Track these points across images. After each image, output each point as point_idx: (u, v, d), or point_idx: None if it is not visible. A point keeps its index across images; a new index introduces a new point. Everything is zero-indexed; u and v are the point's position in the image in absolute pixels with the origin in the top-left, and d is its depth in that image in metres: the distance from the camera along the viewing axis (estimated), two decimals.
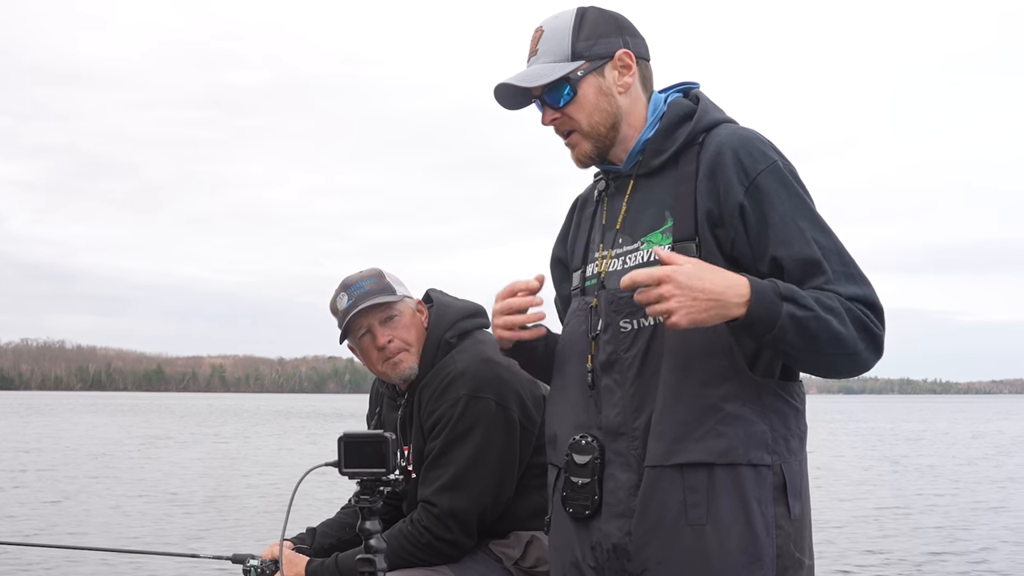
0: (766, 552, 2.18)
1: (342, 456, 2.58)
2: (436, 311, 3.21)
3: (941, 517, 15.16)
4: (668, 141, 2.30)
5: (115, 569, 9.82)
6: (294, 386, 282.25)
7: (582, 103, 2.30)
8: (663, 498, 2.19)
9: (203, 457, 26.38)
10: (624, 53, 2.31)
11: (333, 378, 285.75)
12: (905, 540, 12.90)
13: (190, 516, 14.52)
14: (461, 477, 2.99)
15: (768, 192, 2.19)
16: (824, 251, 2.17)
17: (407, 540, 3.00)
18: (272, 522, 13.83)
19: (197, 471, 21.72)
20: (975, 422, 59.54)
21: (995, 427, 52.31)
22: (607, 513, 2.26)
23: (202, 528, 13.29)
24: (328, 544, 3.25)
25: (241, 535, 12.75)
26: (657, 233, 2.27)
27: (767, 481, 2.19)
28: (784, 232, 2.17)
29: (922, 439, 38.77)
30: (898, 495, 18.17)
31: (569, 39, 2.30)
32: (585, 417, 2.33)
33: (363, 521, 2.58)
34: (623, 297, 2.25)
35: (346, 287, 3.14)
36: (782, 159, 2.25)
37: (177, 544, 11.65)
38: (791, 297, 2.07)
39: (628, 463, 2.25)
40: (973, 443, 36.54)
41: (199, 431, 41.35)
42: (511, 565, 3.06)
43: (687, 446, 2.17)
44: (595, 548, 2.29)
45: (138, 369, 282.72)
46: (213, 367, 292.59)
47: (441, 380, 3.08)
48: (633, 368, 2.25)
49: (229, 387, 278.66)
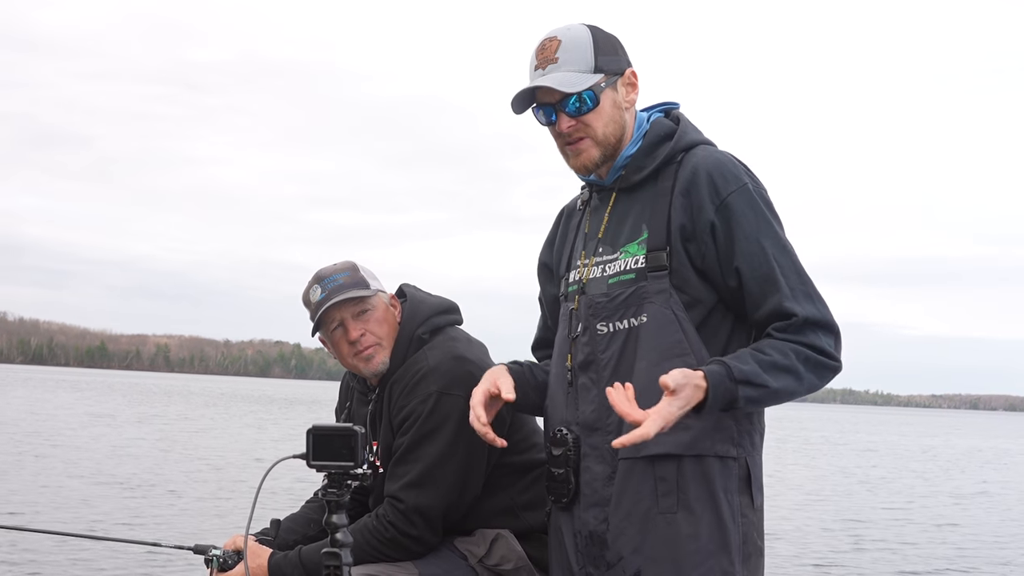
0: (733, 539, 2.35)
1: (310, 449, 2.57)
2: (409, 306, 3.20)
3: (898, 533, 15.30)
4: (648, 159, 2.46)
5: (68, 554, 9.63)
6: (239, 369, 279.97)
7: (601, 113, 2.44)
8: (636, 488, 2.37)
9: (147, 439, 26.06)
10: (631, 72, 2.47)
11: (279, 363, 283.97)
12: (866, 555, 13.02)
13: (135, 500, 14.33)
14: (429, 474, 2.99)
15: (736, 212, 2.36)
16: (783, 269, 2.35)
17: (372, 535, 2.99)
18: (226, 510, 13.73)
19: (142, 454, 21.44)
20: (923, 436, 60.30)
21: (942, 441, 53.13)
22: (584, 502, 2.46)
23: (143, 514, 13.10)
24: (292, 540, 3.23)
25: (186, 523, 12.60)
26: (634, 244, 2.44)
27: (733, 472, 2.36)
28: (747, 249, 2.35)
29: (875, 451, 39.19)
30: (856, 509, 18.15)
31: (592, 52, 2.43)
32: (565, 413, 2.53)
33: (330, 515, 2.57)
34: (600, 302, 2.45)
35: (320, 279, 3.11)
36: (753, 182, 2.41)
37: (122, 531, 11.44)
38: (745, 379, 2.23)
39: (603, 456, 2.43)
40: (934, 456, 37.09)
41: (145, 411, 40.87)
42: (475, 562, 3.06)
43: (656, 439, 2.29)
44: (576, 535, 2.49)
45: (81, 345, 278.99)
46: (158, 346, 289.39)
47: (412, 376, 3.08)
48: (609, 368, 2.43)
49: (173, 367, 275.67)
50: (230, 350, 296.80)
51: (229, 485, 16.66)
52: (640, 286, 2.39)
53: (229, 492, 15.69)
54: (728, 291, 2.38)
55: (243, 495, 15.27)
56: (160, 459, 20.50)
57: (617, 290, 2.42)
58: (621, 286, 2.42)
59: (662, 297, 2.36)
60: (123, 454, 20.99)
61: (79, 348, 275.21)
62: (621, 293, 2.41)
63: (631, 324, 2.39)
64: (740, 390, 2.22)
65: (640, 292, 2.39)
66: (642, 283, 2.39)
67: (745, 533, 2.38)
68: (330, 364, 67.15)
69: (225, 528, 11.71)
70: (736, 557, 2.35)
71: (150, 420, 34.35)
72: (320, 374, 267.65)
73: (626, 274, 2.42)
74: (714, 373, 2.22)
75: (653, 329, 2.36)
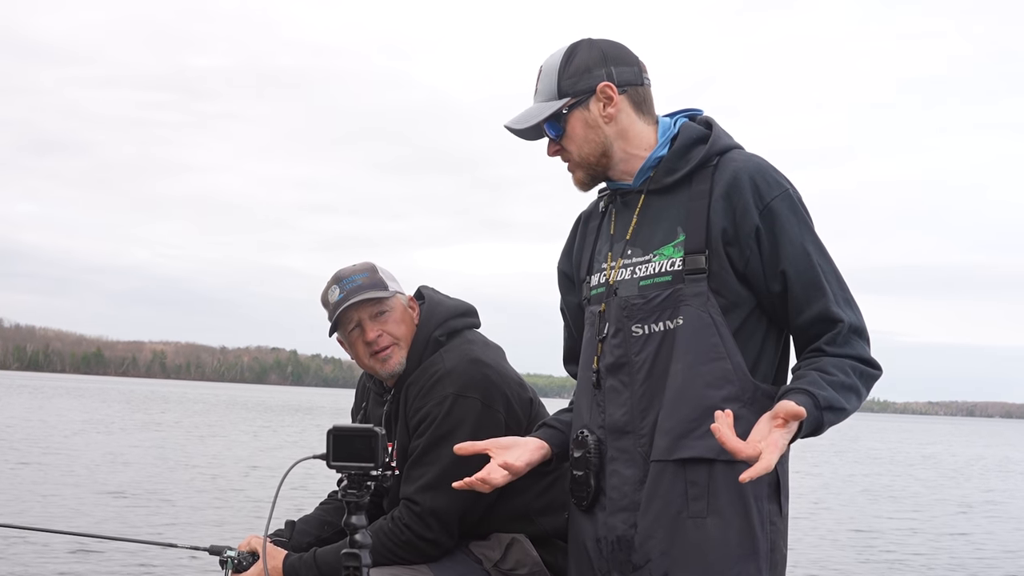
0: (761, 547, 2.33)
1: (330, 449, 2.55)
2: (427, 308, 3.20)
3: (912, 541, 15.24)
4: (682, 161, 2.45)
5: (83, 555, 9.60)
6: (235, 376, 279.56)
7: (572, 136, 2.47)
8: (666, 492, 2.34)
9: (143, 445, 26.02)
10: (605, 86, 2.45)
11: (275, 370, 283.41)
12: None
13: (139, 505, 14.28)
14: (444, 476, 2.96)
15: (780, 216, 2.36)
16: (826, 275, 2.37)
17: (388, 537, 2.98)
18: (226, 515, 13.69)
19: (140, 461, 21.39)
20: (924, 444, 60.18)
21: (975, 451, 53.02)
22: (611, 507, 2.43)
23: (149, 520, 13.05)
24: (307, 542, 3.23)
25: (193, 526, 12.57)
26: (669, 247, 2.41)
27: (764, 479, 2.32)
28: (793, 253, 2.35)
29: (878, 459, 39.12)
30: (861, 518, 18.01)
31: (555, 78, 2.47)
32: (589, 417, 2.49)
33: (349, 516, 2.55)
34: (636, 303, 2.41)
35: (338, 280, 3.12)
36: (791, 187, 2.42)
37: (131, 534, 11.38)
38: (828, 406, 2.24)
39: (633, 460, 2.40)
40: (936, 463, 37.01)
41: (141, 418, 40.80)
42: (490, 567, 3.05)
43: (689, 443, 2.31)
44: (600, 541, 2.44)
45: (77, 351, 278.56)
46: (154, 353, 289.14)
47: (428, 378, 3.07)
48: (643, 370, 2.40)
49: (169, 374, 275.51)
50: (226, 357, 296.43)
51: (229, 490, 16.61)
52: (677, 289, 2.37)
53: (229, 496, 15.66)
54: (768, 296, 2.37)
55: (239, 499, 15.25)
56: (160, 465, 20.44)
57: (652, 292, 2.39)
58: (656, 288, 2.39)
59: (699, 300, 2.34)
60: (120, 461, 20.90)
61: (75, 355, 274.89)
62: (657, 295, 2.38)
63: (667, 327, 2.37)
64: (824, 416, 2.22)
65: (677, 295, 2.36)
66: (679, 286, 2.37)
67: (773, 541, 2.36)
68: (326, 371, 67.52)
69: (229, 531, 11.69)
70: (764, 564, 2.33)
71: (147, 427, 34.25)
72: (316, 381, 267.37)
73: (661, 276, 2.39)
74: (807, 404, 2.20)
75: (690, 332, 2.34)
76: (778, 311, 2.39)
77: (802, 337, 2.40)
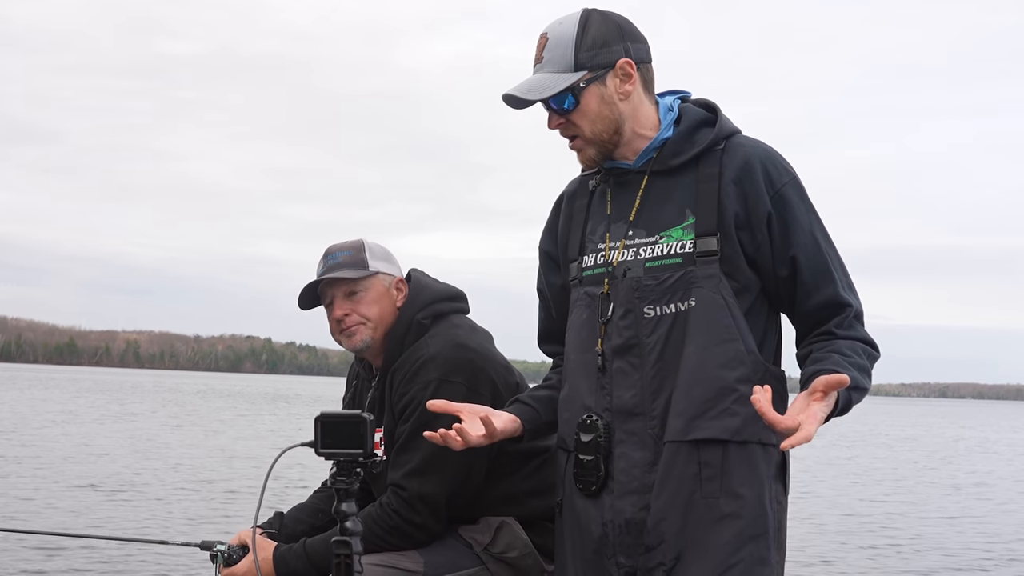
0: (771, 526, 2.36)
1: (319, 436, 2.54)
2: (412, 291, 3.20)
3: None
4: (688, 143, 2.43)
5: (65, 558, 9.42)
6: (209, 364, 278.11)
7: (585, 112, 2.41)
8: (680, 473, 2.35)
9: (117, 436, 25.86)
10: (625, 62, 2.40)
11: (250, 358, 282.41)
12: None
13: (121, 501, 14.18)
14: (431, 461, 2.97)
15: (790, 202, 2.39)
16: (832, 261, 2.41)
17: (376, 523, 2.97)
18: (213, 504, 13.63)
19: (117, 453, 21.24)
20: (907, 426, 60.55)
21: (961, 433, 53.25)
22: (619, 490, 2.41)
23: (131, 515, 12.97)
24: (300, 530, 3.23)
25: (175, 519, 12.52)
26: (678, 229, 2.41)
27: (773, 459, 2.38)
28: (803, 239, 2.39)
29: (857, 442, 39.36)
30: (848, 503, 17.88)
31: (572, 49, 2.39)
32: (593, 400, 2.46)
33: (339, 503, 2.54)
34: (648, 284, 2.40)
35: (326, 255, 3.17)
36: (797, 174, 2.45)
37: (121, 530, 11.23)
38: (856, 387, 2.24)
39: (644, 442, 2.40)
40: (919, 445, 37.22)
41: (117, 409, 40.50)
42: (480, 550, 3.05)
43: (704, 423, 2.31)
44: (607, 525, 2.42)
45: (50, 341, 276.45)
46: (128, 342, 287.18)
47: (413, 363, 3.07)
48: (655, 352, 2.39)
49: (143, 363, 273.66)
50: (200, 345, 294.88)
51: (209, 482, 16.54)
52: (688, 270, 2.36)
53: (204, 488, 15.60)
54: (775, 280, 2.39)
55: (218, 491, 15.21)
56: (137, 457, 20.27)
57: (664, 274, 2.38)
58: (666, 270, 2.38)
59: (711, 282, 2.34)
60: (96, 452, 20.72)
61: (48, 345, 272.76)
62: (669, 277, 2.37)
63: (679, 308, 2.36)
64: (852, 396, 2.24)
65: (688, 277, 2.36)
66: (690, 267, 2.36)
67: (779, 520, 2.39)
68: (301, 358, 67.37)
69: (212, 522, 11.63)
70: (772, 543, 2.36)
71: (123, 418, 34.01)
72: (291, 369, 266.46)
73: (670, 258, 2.38)
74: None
75: (703, 314, 2.34)
76: (782, 296, 2.41)
77: (808, 322, 2.41)
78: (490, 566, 3.05)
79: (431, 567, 2.99)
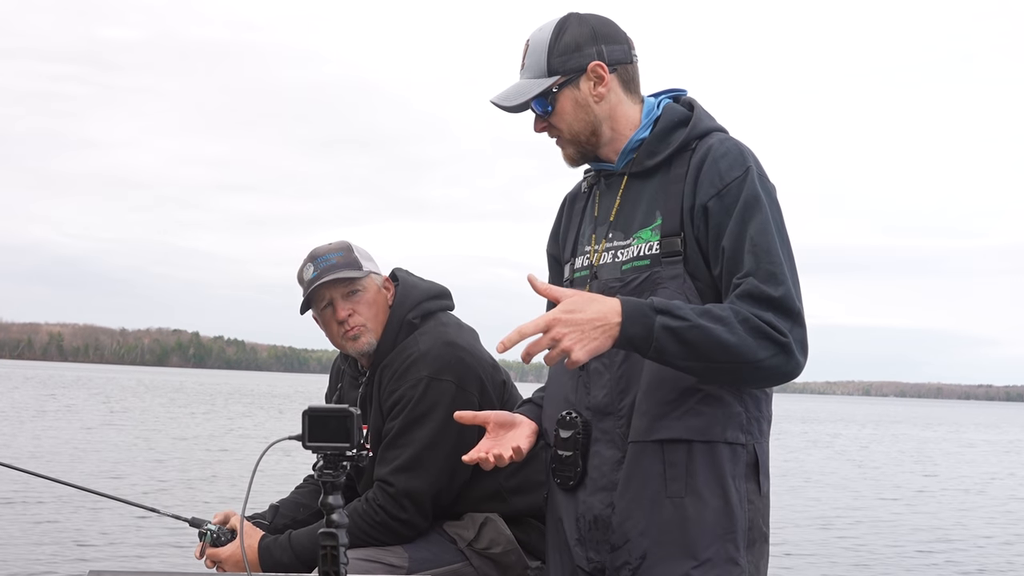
0: (739, 525, 2.37)
1: (306, 430, 2.54)
2: (401, 290, 3.22)
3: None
4: (662, 144, 2.46)
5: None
6: (135, 358, 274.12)
7: (561, 115, 2.47)
8: (645, 472, 2.36)
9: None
10: (596, 65, 2.45)
11: (177, 352, 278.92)
12: None
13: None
14: (418, 458, 3.00)
15: (734, 195, 2.36)
16: (755, 248, 2.32)
17: (362, 519, 2.99)
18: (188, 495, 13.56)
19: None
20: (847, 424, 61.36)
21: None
22: (591, 486, 2.44)
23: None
24: (282, 524, 3.24)
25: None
26: (648, 230, 2.43)
27: (741, 459, 2.38)
28: (732, 228, 2.34)
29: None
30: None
31: (545, 55, 2.45)
32: (575, 398, 2.49)
33: (325, 496, 2.54)
34: (613, 287, 2.42)
35: (313, 258, 3.14)
36: (757, 167, 2.42)
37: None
38: (665, 310, 2.22)
39: (613, 440, 2.41)
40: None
41: (49, 404, 39.69)
42: (464, 546, 3.09)
43: (668, 423, 2.33)
44: (579, 520, 2.46)
45: None
46: (51, 335, 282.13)
47: (403, 361, 3.09)
48: (621, 353, 2.38)
49: (67, 356, 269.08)
50: (126, 339, 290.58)
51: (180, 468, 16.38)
52: (654, 272, 2.39)
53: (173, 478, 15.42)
54: (717, 277, 2.36)
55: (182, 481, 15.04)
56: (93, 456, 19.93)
57: (631, 276, 2.41)
58: (635, 272, 2.41)
59: (676, 283, 2.36)
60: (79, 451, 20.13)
61: None
62: (635, 278, 2.40)
63: None
64: (658, 318, 2.19)
65: (654, 278, 2.38)
66: (656, 269, 2.39)
67: (751, 519, 2.39)
68: (229, 353, 66.00)
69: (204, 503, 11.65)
70: (741, 542, 2.36)
71: (58, 415, 33.40)
72: (219, 363, 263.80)
73: (640, 260, 2.41)
74: (631, 299, 2.22)
75: None
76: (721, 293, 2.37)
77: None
78: (474, 562, 3.08)
79: (415, 562, 3.02)
